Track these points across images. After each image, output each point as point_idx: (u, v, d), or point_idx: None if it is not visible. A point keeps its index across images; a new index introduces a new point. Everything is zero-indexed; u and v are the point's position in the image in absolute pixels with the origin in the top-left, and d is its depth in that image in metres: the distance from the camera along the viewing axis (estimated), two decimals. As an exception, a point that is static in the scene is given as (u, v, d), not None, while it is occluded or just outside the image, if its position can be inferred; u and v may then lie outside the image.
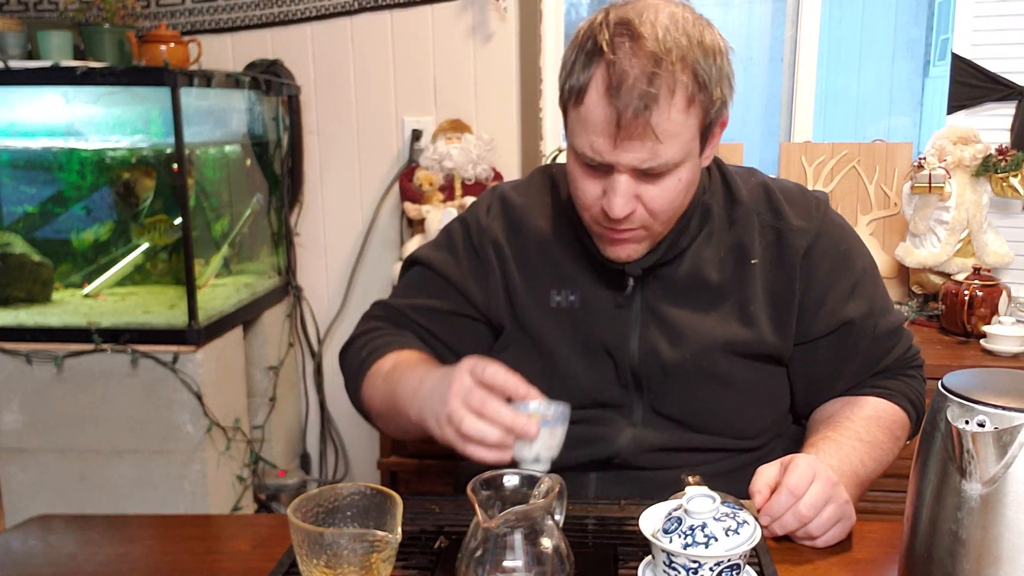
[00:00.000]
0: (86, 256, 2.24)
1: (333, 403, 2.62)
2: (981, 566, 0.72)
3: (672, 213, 1.05)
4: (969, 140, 2.20)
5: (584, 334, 1.13)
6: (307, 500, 0.81)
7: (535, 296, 1.15)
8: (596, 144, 0.98)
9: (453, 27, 2.36)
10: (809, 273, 1.12)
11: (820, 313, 1.13)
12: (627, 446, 1.12)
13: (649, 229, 1.05)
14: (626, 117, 0.94)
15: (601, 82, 0.95)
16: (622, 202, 1.00)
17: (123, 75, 1.89)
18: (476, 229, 1.19)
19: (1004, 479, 0.70)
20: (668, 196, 1.02)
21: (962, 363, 1.90)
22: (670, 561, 0.76)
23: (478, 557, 0.76)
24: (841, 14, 4.20)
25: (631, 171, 0.99)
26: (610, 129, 0.96)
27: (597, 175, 1.01)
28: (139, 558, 0.97)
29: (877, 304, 1.16)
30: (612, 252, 1.08)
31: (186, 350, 1.95)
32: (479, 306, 1.18)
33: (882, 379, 1.17)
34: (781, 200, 1.15)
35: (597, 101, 0.96)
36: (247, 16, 2.43)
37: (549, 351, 1.14)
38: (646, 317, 1.12)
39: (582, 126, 0.99)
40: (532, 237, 1.17)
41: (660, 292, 1.12)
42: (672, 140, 0.97)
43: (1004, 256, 2.18)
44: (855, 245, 1.18)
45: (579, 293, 1.14)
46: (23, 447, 2.02)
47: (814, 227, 1.13)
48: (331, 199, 2.52)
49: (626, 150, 0.97)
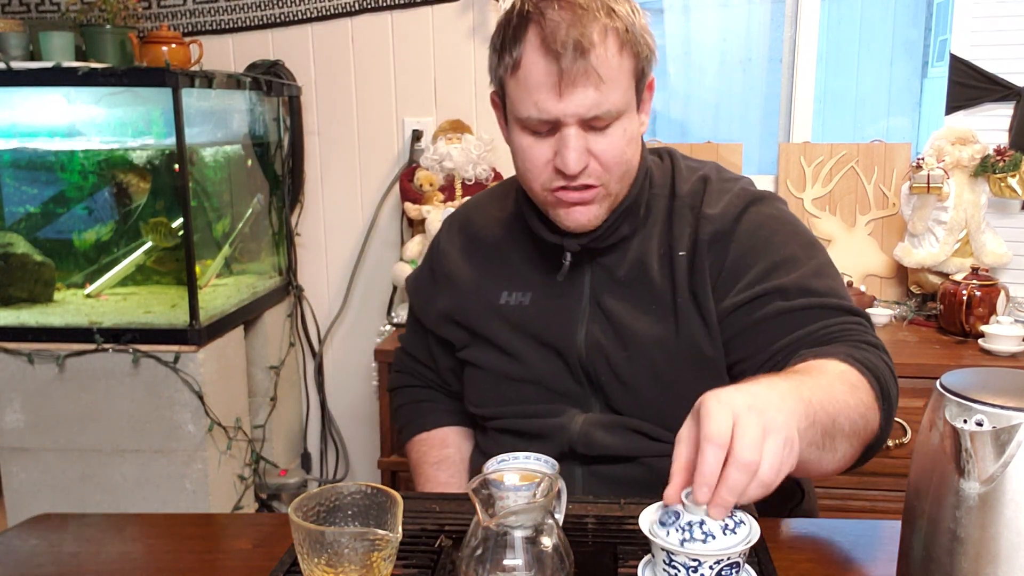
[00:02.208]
0: (88, 256, 2.24)
1: (334, 403, 2.62)
2: (979, 565, 0.73)
3: (625, 168, 1.06)
4: (967, 140, 2.21)
5: (535, 330, 1.15)
6: (308, 499, 0.81)
7: (487, 299, 1.18)
8: (541, 101, 0.99)
9: (453, 27, 2.36)
10: (718, 258, 1.08)
11: (731, 292, 1.07)
12: (579, 429, 1.12)
13: (606, 187, 1.05)
14: (565, 63, 0.96)
15: (536, 39, 0.98)
16: (575, 155, 1.00)
17: (124, 76, 1.89)
18: (436, 253, 1.28)
19: (1002, 478, 0.71)
20: (617, 147, 1.03)
21: (960, 363, 1.91)
22: (670, 559, 0.76)
23: (478, 556, 0.77)
24: (840, 15, 4.20)
25: (578, 123, 1.00)
26: (552, 80, 0.97)
27: (544, 138, 1.02)
28: (140, 557, 0.98)
29: (809, 285, 1.05)
30: (571, 217, 1.07)
31: (187, 350, 1.96)
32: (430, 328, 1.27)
33: (821, 348, 1.00)
34: (712, 191, 1.13)
35: (535, 59, 0.98)
36: (248, 17, 2.43)
37: (507, 350, 1.17)
38: (592, 310, 1.13)
39: (524, 91, 1.00)
40: (487, 244, 1.22)
41: (606, 284, 1.13)
42: (613, 84, 0.99)
43: (1002, 256, 2.19)
44: (784, 236, 1.09)
45: (530, 292, 1.16)
46: (25, 446, 2.03)
47: (729, 214, 1.10)
48: (332, 199, 2.52)
49: (572, 98, 0.98)
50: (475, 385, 1.23)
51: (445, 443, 1.30)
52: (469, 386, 1.25)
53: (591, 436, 1.12)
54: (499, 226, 1.23)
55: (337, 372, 2.62)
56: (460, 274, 1.22)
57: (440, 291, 1.25)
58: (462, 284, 1.21)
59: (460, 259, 1.24)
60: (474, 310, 1.19)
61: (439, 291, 1.25)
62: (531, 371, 1.16)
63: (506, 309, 1.17)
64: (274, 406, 2.37)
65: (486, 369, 1.19)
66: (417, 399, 1.35)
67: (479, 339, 1.20)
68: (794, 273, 1.06)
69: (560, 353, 1.14)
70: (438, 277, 1.26)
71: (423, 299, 1.29)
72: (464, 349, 1.23)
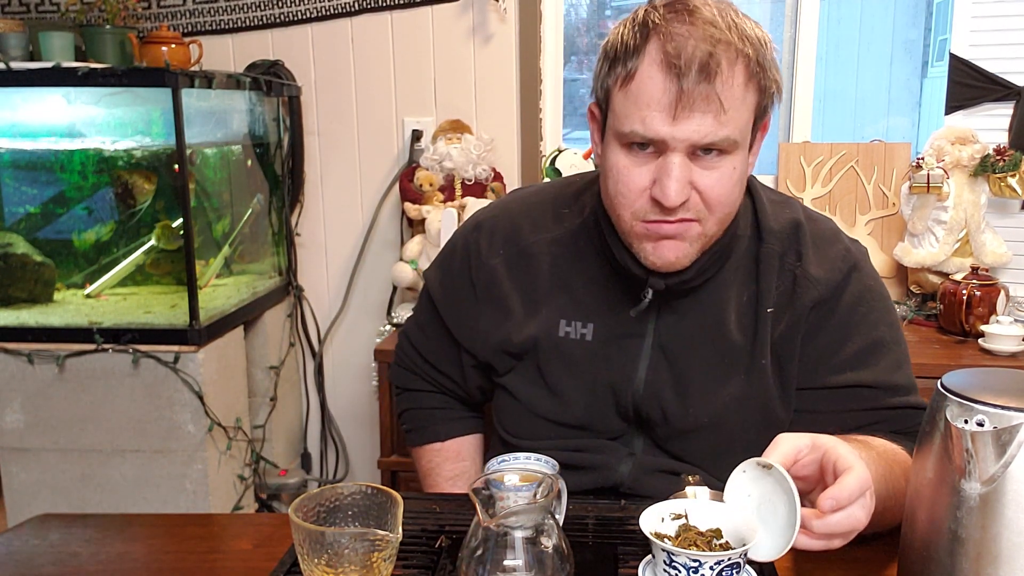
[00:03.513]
0: (87, 256, 2.24)
1: (333, 403, 2.62)
2: (980, 565, 0.73)
3: (728, 210, 0.97)
4: (967, 140, 2.20)
5: (592, 369, 1.08)
6: (308, 499, 0.81)
7: (545, 328, 1.09)
8: (650, 119, 0.90)
9: (453, 28, 2.36)
10: (813, 329, 1.03)
11: (823, 367, 1.04)
12: (629, 473, 1.09)
13: (703, 224, 0.96)
14: (687, 84, 0.87)
15: (657, 53, 0.89)
16: (677, 186, 0.91)
17: (124, 76, 1.89)
18: (476, 263, 1.15)
19: (1003, 478, 0.70)
20: (725, 186, 0.93)
21: (960, 363, 1.91)
22: (670, 560, 0.76)
23: (479, 556, 0.77)
24: (840, 15, 4.20)
25: (686, 150, 0.91)
26: (668, 100, 0.88)
27: (645, 162, 0.93)
28: (141, 557, 0.98)
29: (894, 382, 1.04)
30: (658, 253, 0.97)
31: (187, 350, 1.96)
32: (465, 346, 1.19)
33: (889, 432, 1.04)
34: (808, 243, 1.05)
35: (652, 74, 0.89)
36: (248, 17, 2.43)
37: (554, 389, 1.10)
38: (656, 354, 1.06)
39: (633, 105, 0.91)
40: (542, 264, 1.11)
41: (674, 330, 1.06)
42: (733, 115, 0.90)
43: (1002, 256, 2.19)
44: (878, 313, 1.05)
45: (592, 324, 1.08)
46: (25, 447, 2.03)
47: (834, 280, 1.03)
48: (332, 199, 2.52)
49: (686, 122, 0.89)
50: (510, 415, 1.16)
51: (460, 455, 1.25)
52: (503, 413, 1.17)
53: (640, 482, 1.08)
54: (557, 243, 1.11)
55: (337, 372, 2.62)
56: (510, 296, 1.11)
57: (485, 312, 1.14)
58: (514, 308, 1.11)
59: (508, 277, 1.12)
60: (529, 339, 1.09)
61: (483, 312, 1.14)
62: (574, 415, 1.09)
63: (566, 343, 1.08)
64: (274, 406, 2.37)
65: (524, 404, 1.12)
66: (429, 405, 1.27)
67: (526, 370, 1.11)
68: (882, 362, 1.04)
69: (614, 392, 1.07)
70: (482, 296, 1.14)
71: (460, 313, 1.17)
72: (505, 375, 1.14)
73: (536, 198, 1.18)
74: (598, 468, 1.09)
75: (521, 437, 1.14)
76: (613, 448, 1.10)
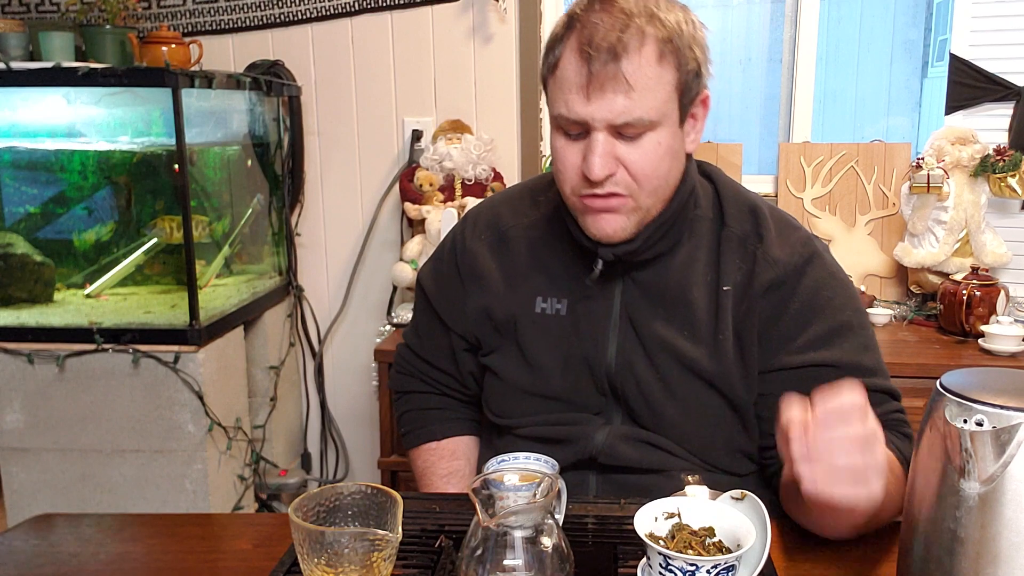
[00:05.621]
0: (87, 256, 2.25)
1: (333, 403, 2.62)
2: (979, 565, 0.73)
3: (657, 183, 1.02)
4: (967, 140, 2.21)
5: (568, 342, 1.13)
6: (308, 499, 0.81)
7: (522, 303, 1.15)
8: (571, 102, 0.98)
9: (453, 28, 2.36)
10: (773, 311, 1.07)
11: (784, 349, 1.06)
12: (604, 441, 1.12)
13: (635, 199, 1.02)
14: (596, 67, 0.95)
15: (574, 41, 0.98)
16: (600, 161, 0.98)
17: (124, 76, 1.89)
18: (461, 250, 1.23)
19: (1002, 478, 0.71)
20: (649, 160, 1.00)
21: (960, 362, 1.91)
22: (667, 563, 0.76)
23: (478, 556, 0.77)
24: (840, 15, 4.21)
25: (607, 128, 0.98)
26: (581, 82, 0.97)
27: (576, 141, 1.01)
28: (140, 557, 0.98)
29: (860, 362, 1.05)
30: (596, 225, 1.04)
31: (187, 350, 1.96)
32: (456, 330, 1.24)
33: None
34: (770, 227, 1.10)
35: (570, 59, 0.98)
36: (248, 17, 2.43)
37: (533, 363, 1.14)
38: (623, 325, 1.11)
39: (559, 90, 1.00)
40: (520, 245, 1.18)
41: (638, 300, 1.11)
42: (645, 93, 0.97)
43: (1002, 256, 2.19)
44: (842, 299, 1.08)
45: (566, 300, 1.13)
46: (25, 446, 2.03)
47: (793, 263, 1.07)
48: (332, 199, 2.53)
49: (599, 101, 0.97)
50: (496, 395, 1.21)
51: (455, 454, 1.28)
52: (490, 394, 1.22)
53: (615, 449, 1.11)
54: (533, 227, 1.19)
55: (337, 372, 2.62)
56: (492, 274, 1.18)
57: (470, 291, 1.20)
58: (495, 285, 1.18)
59: (490, 258, 1.19)
60: (508, 313, 1.16)
61: (469, 291, 1.20)
62: (554, 387, 1.14)
63: (543, 319, 1.14)
64: (274, 406, 2.37)
65: (507, 381, 1.17)
66: (426, 406, 1.31)
67: (507, 345, 1.17)
68: (847, 344, 1.06)
69: (589, 366, 1.12)
70: (466, 277, 1.21)
71: (449, 299, 1.24)
72: (490, 354, 1.20)
73: (516, 189, 1.29)
74: (576, 440, 1.13)
75: (506, 416, 1.19)
76: (591, 420, 1.14)
